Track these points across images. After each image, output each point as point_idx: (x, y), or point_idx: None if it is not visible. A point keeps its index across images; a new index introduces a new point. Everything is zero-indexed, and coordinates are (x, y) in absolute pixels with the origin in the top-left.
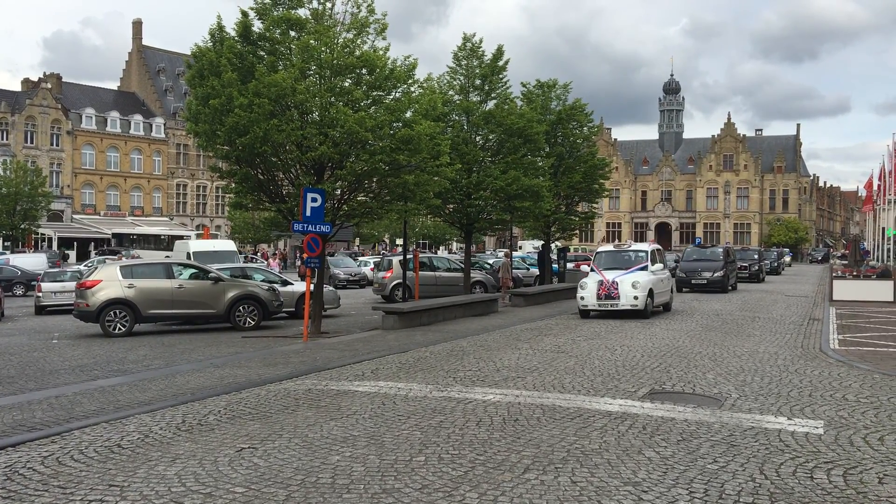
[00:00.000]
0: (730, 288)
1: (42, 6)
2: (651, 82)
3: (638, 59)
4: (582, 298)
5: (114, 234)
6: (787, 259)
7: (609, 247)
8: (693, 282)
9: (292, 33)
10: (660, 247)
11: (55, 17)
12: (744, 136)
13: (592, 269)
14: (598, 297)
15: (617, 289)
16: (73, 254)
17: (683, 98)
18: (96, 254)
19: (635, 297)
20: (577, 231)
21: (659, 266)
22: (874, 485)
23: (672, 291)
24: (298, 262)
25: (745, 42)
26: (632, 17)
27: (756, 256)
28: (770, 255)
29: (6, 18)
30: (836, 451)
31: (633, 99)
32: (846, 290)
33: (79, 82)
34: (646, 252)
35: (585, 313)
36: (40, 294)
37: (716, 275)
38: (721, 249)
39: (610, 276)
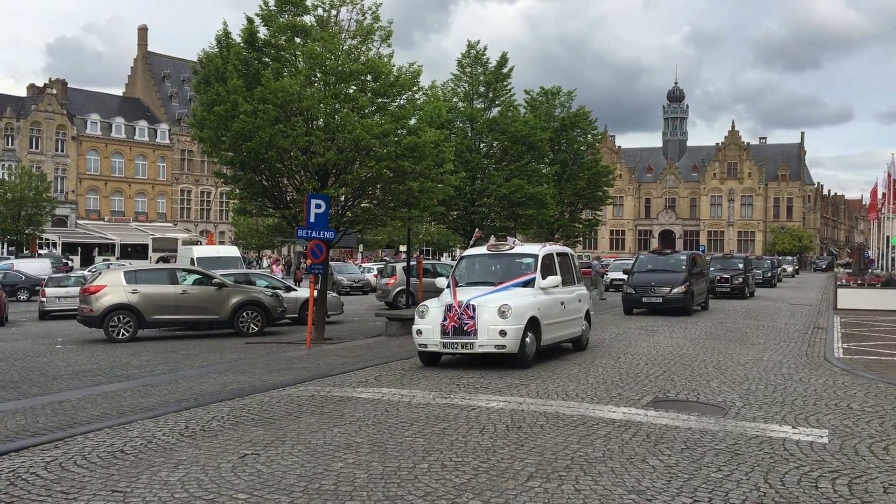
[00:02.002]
0: (698, 307)
1: (45, 12)
2: (653, 90)
3: (639, 67)
4: (419, 333)
5: (154, 240)
6: (789, 269)
7: (479, 249)
8: (644, 300)
9: (297, 40)
10: (567, 250)
11: (58, 23)
12: (748, 144)
13: (449, 285)
14: (444, 332)
15: (473, 318)
16: (76, 259)
17: (687, 106)
18: (158, 259)
19: (502, 333)
20: (581, 238)
21: (554, 280)
22: (879, 494)
23: (588, 319)
24: (293, 268)
25: (746, 50)
26: (633, 26)
27: (741, 265)
28: (762, 263)
29: (9, 25)
30: (841, 461)
31: (635, 107)
32: (850, 298)
33: (84, 88)
34: (533, 257)
35: (428, 358)
36: (44, 299)
37: (674, 290)
38: (685, 256)
39: (466, 295)
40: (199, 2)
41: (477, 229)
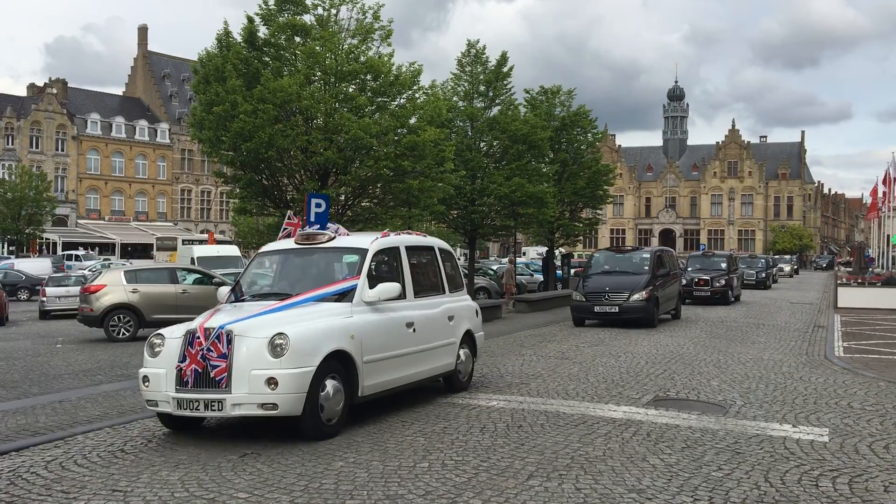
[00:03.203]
0: (667, 316)
1: (43, 12)
2: (652, 89)
3: (638, 66)
4: (145, 381)
5: (157, 240)
6: (787, 268)
7: (284, 243)
8: (597, 309)
9: (297, 39)
10: (433, 242)
11: (56, 22)
12: (748, 142)
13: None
14: (181, 380)
15: (226, 357)
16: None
17: (688, 105)
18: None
19: (271, 382)
20: (581, 237)
21: (388, 289)
22: (880, 493)
23: (470, 345)
24: None
25: (745, 49)
26: (632, 25)
27: (723, 265)
28: (756, 262)
29: (8, 25)
30: (842, 459)
31: (634, 106)
32: (851, 297)
33: (84, 88)
34: (359, 254)
35: (170, 422)
36: (44, 299)
37: (633, 297)
38: (648, 254)
39: (227, 317)
40: (199, 1)
41: (290, 213)
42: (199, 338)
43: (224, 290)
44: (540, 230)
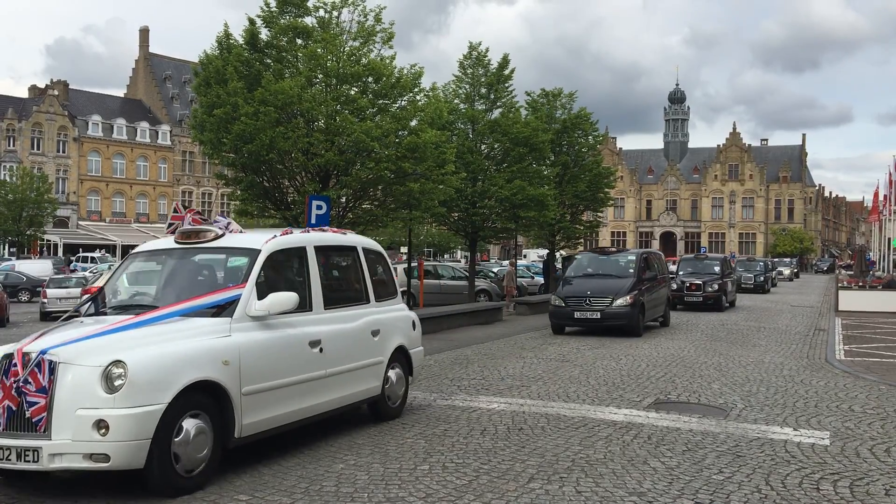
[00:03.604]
0: (655, 323)
1: (43, 13)
2: (653, 92)
3: (639, 69)
4: None
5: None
6: (786, 271)
7: (162, 242)
8: (577, 315)
9: (299, 41)
10: (359, 242)
11: (56, 23)
12: (749, 145)
13: (80, 312)
14: None
15: (46, 391)
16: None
17: (689, 107)
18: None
19: (101, 427)
20: (582, 240)
21: (282, 300)
22: (881, 496)
23: (403, 363)
24: None
25: (745, 52)
26: (632, 27)
27: (717, 268)
28: (754, 265)
29: (8, 26)
30: (843, 463)
31: (634, 108)
32: (852, 300)
33: (85, 90)
34: (248, 255)
35: None
36: (45, 300)
37: (617, 302)
38: (634, 256)
39: (50, 339)
40: (199, 3)
41: (175, 204)
42: (15, 365)
43: (82, 299)
44: (541, 233)
